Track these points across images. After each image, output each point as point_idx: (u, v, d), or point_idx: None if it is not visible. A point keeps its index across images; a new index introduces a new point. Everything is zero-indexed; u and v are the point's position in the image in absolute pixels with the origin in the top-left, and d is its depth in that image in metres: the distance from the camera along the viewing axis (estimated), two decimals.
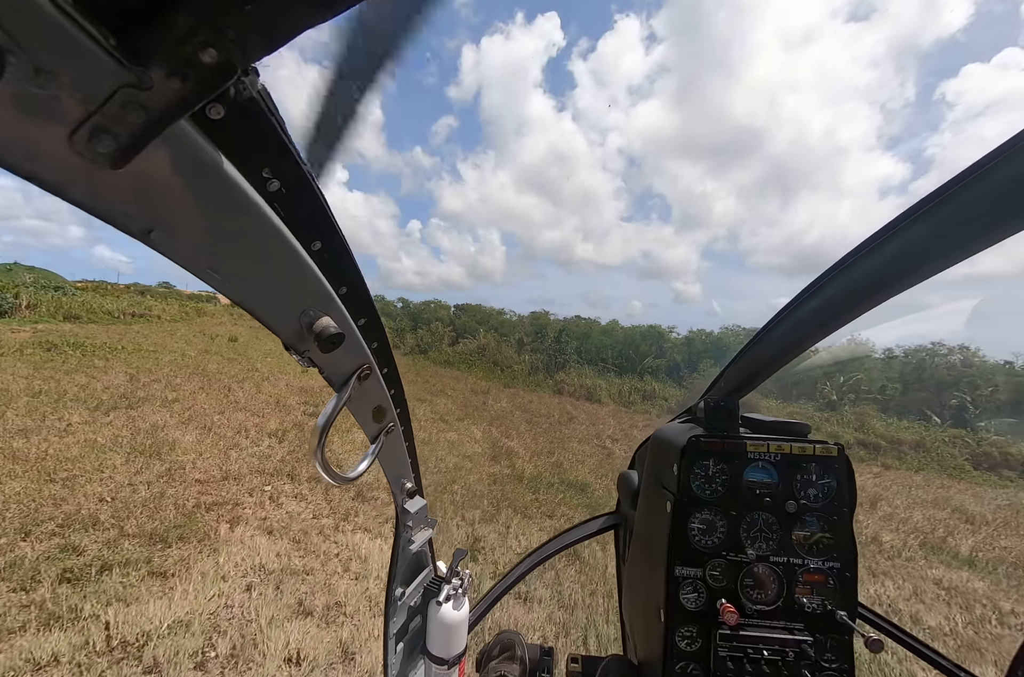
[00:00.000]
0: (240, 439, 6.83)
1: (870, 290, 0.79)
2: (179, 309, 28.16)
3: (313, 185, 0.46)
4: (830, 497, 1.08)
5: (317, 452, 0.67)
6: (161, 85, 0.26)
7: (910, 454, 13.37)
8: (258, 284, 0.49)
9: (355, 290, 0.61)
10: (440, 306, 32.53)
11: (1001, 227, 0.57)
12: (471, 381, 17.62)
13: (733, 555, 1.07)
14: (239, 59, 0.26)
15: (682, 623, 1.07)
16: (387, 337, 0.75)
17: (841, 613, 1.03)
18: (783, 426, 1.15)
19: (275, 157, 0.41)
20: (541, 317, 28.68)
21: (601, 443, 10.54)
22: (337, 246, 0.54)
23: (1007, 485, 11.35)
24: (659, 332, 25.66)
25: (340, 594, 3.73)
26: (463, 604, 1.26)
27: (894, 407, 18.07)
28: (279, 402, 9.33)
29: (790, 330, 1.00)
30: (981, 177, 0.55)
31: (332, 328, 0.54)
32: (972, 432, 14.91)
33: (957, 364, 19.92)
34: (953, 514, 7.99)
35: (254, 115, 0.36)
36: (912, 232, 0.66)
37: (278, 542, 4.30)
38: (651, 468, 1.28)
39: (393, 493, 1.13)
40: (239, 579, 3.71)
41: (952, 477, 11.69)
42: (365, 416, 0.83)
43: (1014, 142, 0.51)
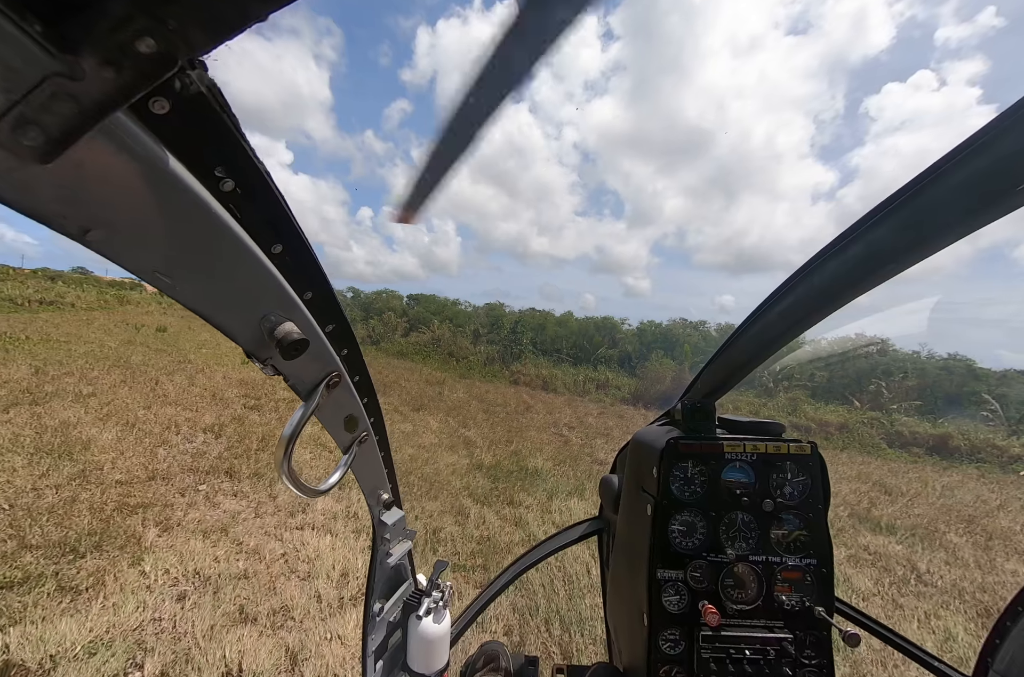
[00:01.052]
0: (170, 435, 6.20)
1: (833, 294, 0.82)
2: (97, 297, 25.41)
3: (271, 186, 0.44)
4: (805, 495, 1.10)
5: (283, 464, 0.62)
6: (94, 75, 0.24)
7: (836, 434, 14.62)
8: (213, 288, 0.46)
9: (321, 295, 0.58)
10: (393, 296, 31.54)
11: (947, 232, 0.61)
12: (426, 372, 17.22)
13: (713, 556, 1.08)
14: (181, 50, 0.26)
15: (665, 627, 1.06)
16: (358, 344, 0.72)
17: (819, 609, 1.04)
18: (758, 426, 1.17)
19: (228, 156, 0.39)
20: (496, 308, 28.56)
21: (558, 431, 10.63)
22: (300, 250, 0.52)
23: (916, 461, 12.69)
24: (612, 323, 26.34)
25: (287, 597, 3.45)
26: (444, 617, 1.23)
27: (821, 393, 19.66)
28: (216, 395, 8.60)
29: (759, 333, 1.02)
30: (927, 186, 0.59)
31: (295, 334, 0.51)
32: (887, 414, 16.51)
33: (874, 354, 21.98)
34: (874, 487, 8.78)
35: (203, 111, 0.35)
36: (876, 232, 0.69)
37: (216, 545, 3.91)
38: (631, 472, 1.28)
39: (369, 505, 1.08)
40: (169, 589, 3.32)
41: (871, 455, 12.89)
42: (336, 426, 0.80)
43: (952, 155, 0.54)
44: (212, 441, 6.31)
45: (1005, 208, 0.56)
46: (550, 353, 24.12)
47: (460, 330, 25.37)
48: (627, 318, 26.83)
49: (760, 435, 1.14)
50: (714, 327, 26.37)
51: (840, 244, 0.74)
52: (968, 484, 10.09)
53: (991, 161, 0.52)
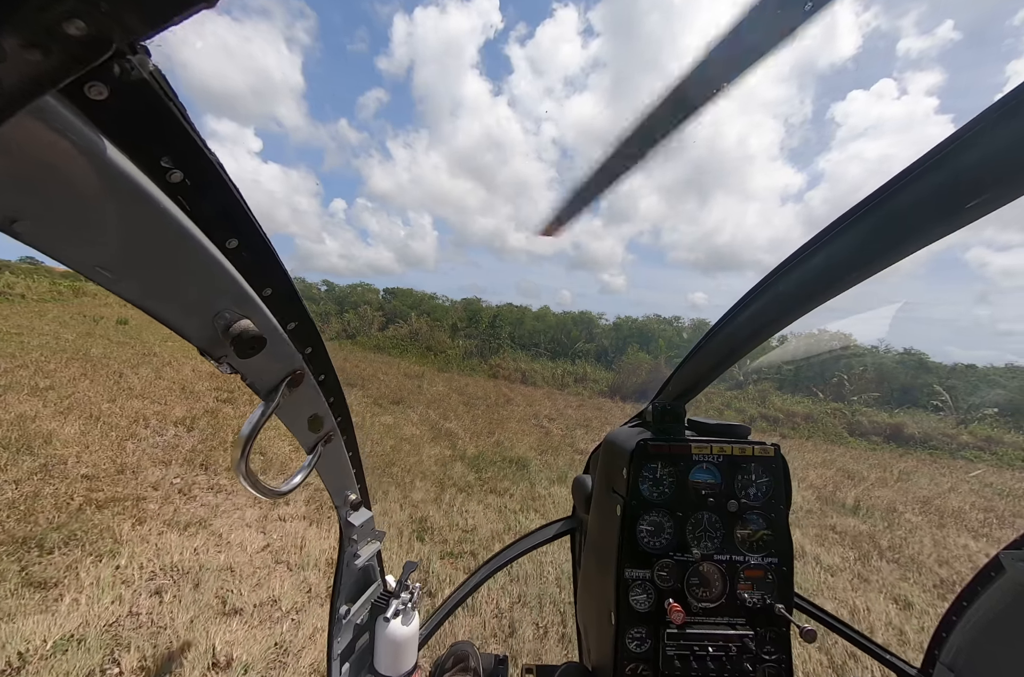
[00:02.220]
0: (138, 429, 5.92)
1: (798, 301, 0.84)
2: (50, 287, 23.86)
3: (224, 178, 0.42)
4: (768, 495, 1.13)
5: (240, 464, 0.61)
6: (16, 57, 0.23)
7: (802, 424, 15.28)
8: (160, 284, 0.44)
9: (282, 292, 0.56)
10: (368, 289, 30.94)
11: (908, 241, 0.64)
12: (404, 366, 17.01)
13: (680, 555, 1.10)
14: (116, 34, 0.24)
15: (632, 625, 1.08)
16: (323, 342, 0.70)
17: (779, 606, 1.08)
18: (725, 428, 1.20)
19: (175, 145, 0.37)
20: (474, 303, 28.41)
21: (539, 423, 10.71)
22: (257, 245, 0.49)
23: (875, 448, 13.41)
24: (589, 318, 26.64)
25: (274, 588, 3.37)
26: (412, 619, 1.22)
27: (788, 385, 20.47)
28: (185, 388, 8.25)
29: (728, 338, 1.04)
30: (886, 201, 0.61)
31: (252, 331, 0.50)
32: (848, 405, 17.36)
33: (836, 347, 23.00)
34: (838, 472, 9.24)
35: (146, 98, 0.33)
36: (835, 244, 0.71)
37: (194, 538, 3.77)
38: (602, 472, 1.30)
39: (336, 506, 1.06)
40: (146, 583, 3.19)
41: (834, 443, 13.54)
42: (299, 425, 0.78)
43: (908, 172, 0.57)
44: (184, 434, 6.07)
45: (957, 224, 0.58)
46: (528, 347, 24.20)
47: (438, 324, 25.13)
48: (604, 313, 27.21)
49: (727, 437, 1.17)
50: (688, 322, 27.04)
51: (804, 253, 0.77)
52: (922, 469, 10.74)
53: (944, 179, 0.54)
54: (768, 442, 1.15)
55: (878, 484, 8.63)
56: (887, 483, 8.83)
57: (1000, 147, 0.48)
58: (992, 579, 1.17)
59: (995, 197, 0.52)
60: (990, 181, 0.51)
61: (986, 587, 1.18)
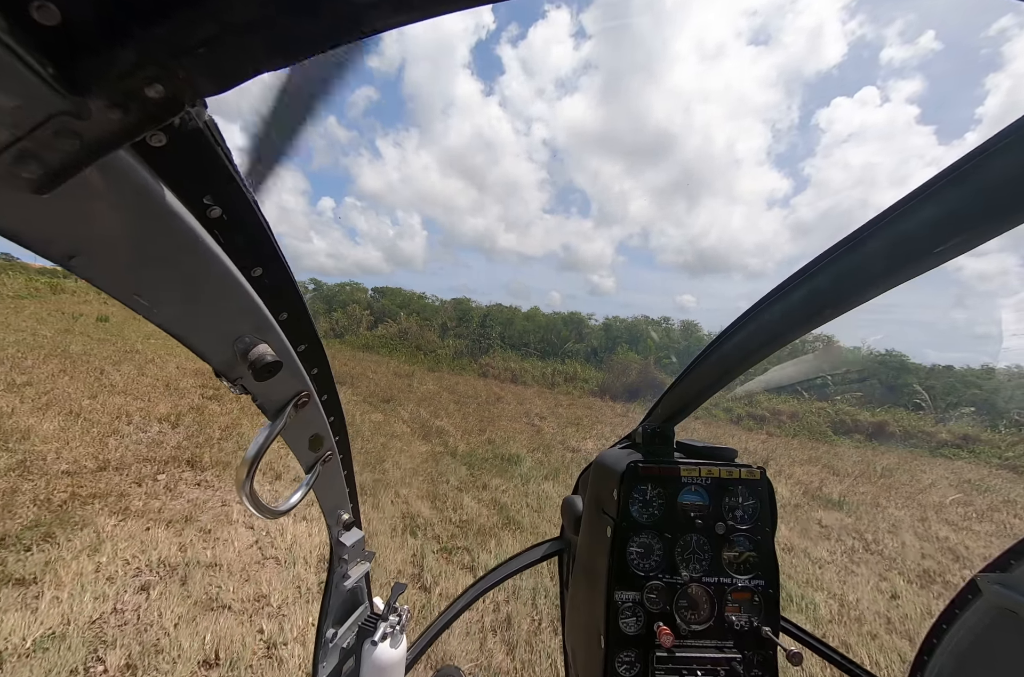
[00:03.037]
0: (120, 425, 5.77)
1: (780, 332, 0.87)
2: (26, 284, 23.16)
3: (257, 212, 0.45)
4: (755, 518, 1.14)
5: (245, 485, 0.62)
6: (100, 116, 0.25)
7: (788, 423, 15.53)
8: (189, 310, 0.47)
9: (296, 316, 0.58)
10: (357, 288, 30.61)
11: (875, 285, 0.67)
12: (393, 365, 16.89)
13: (669, 577, 1.10)
14: (187, 96, 0.26)
15: (621, 648, 1.07)
16: (328, 362, 0.71)
17: (766, 629, 1.08)
18: (713, 451, 1.21)
19: (218, 185, 0.40)
20: (464, 303, 28.32)
21: (530, 421, 10.71)
22: (279, 272, 0.52)
23: (858, 445, 13.67)
24: (579, 318, 26.73)
25: (263, 584, 3.30)
26: (400, 642, 1.19)
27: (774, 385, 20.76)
28: (169, 385, 8.07)
29: (716, 364, 1.06)
30: (861, 243, 0.64)
31: (269, 356, 0.52)
32: (832, 404, 17.69)
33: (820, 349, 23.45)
34: (823, 469, 9.40)
35: (198, 145, 0.36)
36: (816, 280, 0.76)
37: (181, 534, 3.68)
38: (592, 493, 1.30)
39: (328, 525, 1.05)
40: (131, 579, 3.11)
41: (819, 440, 13.79)
42: (301, 445, 0.79)
43: (879, 219, 0.60)
44: (169, 431, 5.93)
45: (924, 267, 0.62)
46: (518, 347, 24.20)
47: (427, 323, 25.00)
48: (593, 313, 27.33)
49: (714, 459, 1.19)
50: (677, 324, 27.33)
51: (787, 288, 0.81)
52: (903, 465, 10.98)
53: (912, 226, 0.58)
54: (754, 465, 1.17)
55: (861, 480, 8.80)
56: (870, 479, 9.01)
57: (967, 196, 0.52)
58: (969, 602, 1.18)
59: (965, 241, 0.56)
60: (958, 228, 0.55)
61: (964, 610, 1.19)
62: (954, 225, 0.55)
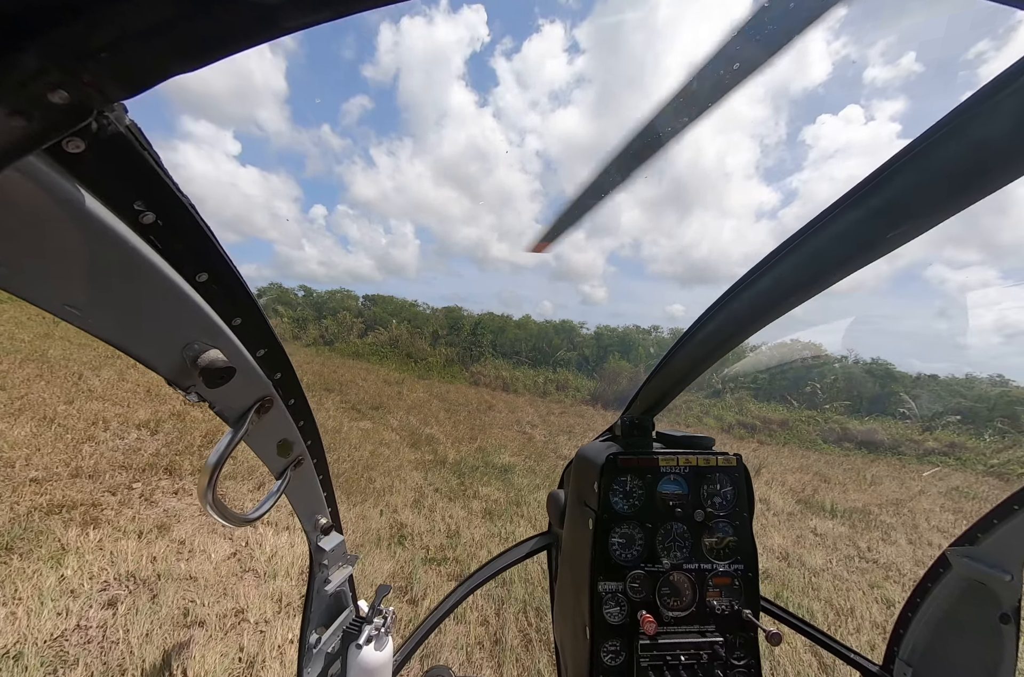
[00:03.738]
0: (96, 431, 5.54)
1: (750, 319, 0.89)
2: None
3: (195, 216, 0.44)
4: (733, 504, 1.17)
5: (207, 493, 0.60)
6: (2, 124, 0.24)
7: (778, 431, 15.57)
8: (128, 320, 0.46)
9: (251, 321, 0.58)
10: (348, 296, 30.36)
11: (835, 271, 0.70)
12: (383, 372, 16.68)
13: (651, 566, 1.12)
14: (96, 101, 0.26)
15: (606, 638, 1.09)
16: (292, 366, 0.70)
17: (746, 612, 1.11)
18: (690, 440, 1.24)
19: (148, 190, 0.39)
20: (455, 311, 28.21)
21: (522, 429, 10.57)
22: (226, 277, 0.51)
23: (848, 454, 13.73)
24: (571, 327, 26.79)
25: (240, 598, 3.13)
26: (386, 644, 1.18)
27: (763, 394, 20.90)
28: (151, 391, 7.83)
29: (690, 354, 1.08)
30: (818, 232, 0.67)
31: (220, 362, 0.51)
32: (821, 412, 17.81)
33: (808, 358, 23.71)
34: (815, 477, 9.38)
35: (122, 150, 0.35)
36: (780, 268, 0.77)
37: (154, 545, 3.49)
38: (574, 487, 1.31)
39: (305, 531, 1.04)
40: (97, 593, 2.92)
41: (809, 449, 13.83)
42: (268, 451, 0.78)
43: (833, 207, 0.63)
44: (147, 437, 5.71)
45: (879, 252, 0.63)
46: (510, 355, 24.09)
47: (418, 331, 24.84)
48: (585, 322, 27.39)
49: (693, 448, 1.21)
50: (667, 331, 27.47)
51: (753, 276, 0.83)
52: (893, 473, 11.03)
53: (865, 213, 0.60)
54: (731, 452, 1.19)
55: (853, 488, 8.79)
56: (861, 486, 9.01)
57: (913, 183, 0.54)
58: (941, 575, 1.24)
59: (914, 227, 0.58)
60: (907, 214, 0.57)
61: (936, 584, 1.25)
62: (902, 213, 0.57)
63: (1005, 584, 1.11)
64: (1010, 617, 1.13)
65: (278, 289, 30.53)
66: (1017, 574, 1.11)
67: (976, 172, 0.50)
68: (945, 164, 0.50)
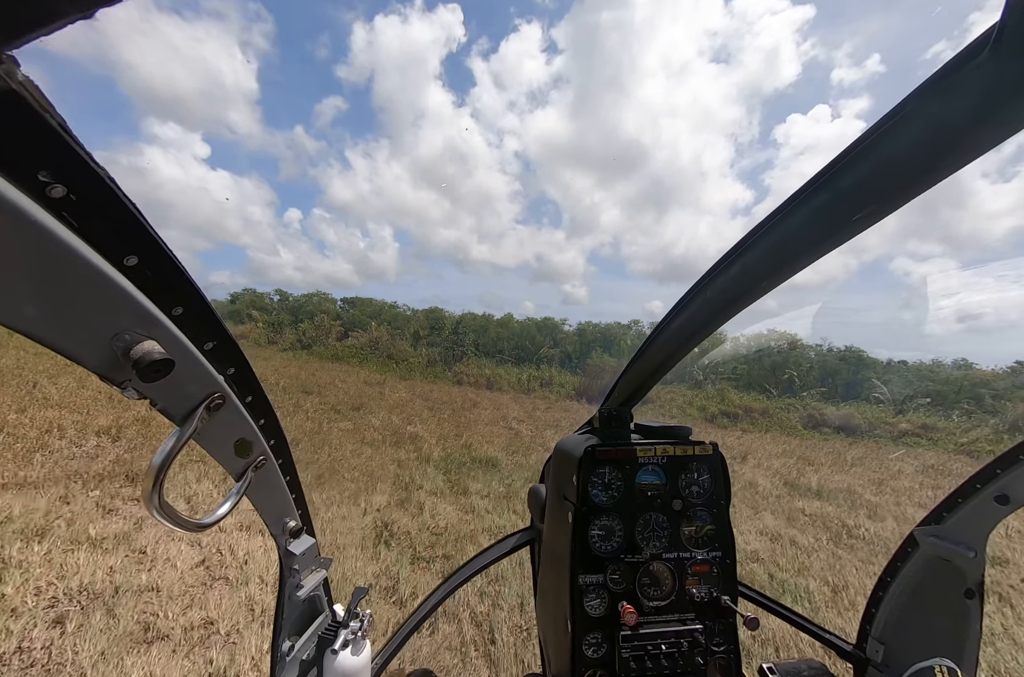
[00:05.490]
0: (50, 440, 5.15)
1: (721, 307, 0.89)
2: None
3: (115, 192, 0.40)
4: (710, 492, 1.17)
5: (153, 496, 0.54)
6: None
7: (760, 419, 15.82)
8: (42, 307, 0.40)
9: (195, 311, 0.53)
10: (325, 299, 29.66)
11: (803, 256, 0.70)
12: (364, 374, 16.29)
13: (631, 557, 1.12)
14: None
15: (587, 630, 1.08)
16: (247, 362, 0.66)
17: (725, 598, 1.11)
18: (668, 430, 1.24)
19: (54, 158, 0.35)
20: (436, 312, 27.89)
21: (507, 425, 10.42)
22: (160, 261, 0.47)
23: (827, 438, 14.03)
24: (553, 324, 26.77)
25: (209, 608, 2.88)
26: (363, 648, 1.16)
27: (743, 384, 21.27)
28: (112, 397, 7.38)
29: (664, 345, 1.08)
30: (786, 217, 0.67)
31: (156, 354, 0.46)
32: (799, 399, 18.20)
33: (785, 348, 24.27)
34: (799, 461, 9.52)
35: (16, 109, 0.32)
36: (749, 255, 0.77)
37: (111, 555, 3.20)
38: (554, 481, 1.30)
39: (273, 535, 1.00)
40: (43, 611, 2.63)
41: (790, 435, 14.07)
42: (224, 451, 0.72)
43: (800, 192, 0.63)
44: (108, 444, 5.34)
45: (846, 235, 0.64)
46: (493, 354, 23.93)
47: (399, 333, 24.43)
48: (567, 318, 27.43)
49: (670, 438, 1.21)
50: (647, 325, 27.74)
51: (723, 265, 0.82)
52: (870, 455, 11.29)
53: (830, 197, 0.60)
54: (707, 441, 1.20)
55: (835, 470, 8.93)
56: (843, 468, 9.16)
57: (874, 167, 0.54)
58: (909, 555, 1.29)
59: (877, 209, 0.58)
60: (870, 196, 0.58)
61: (905, 563, 1.30)
62: (867, 195, 0.58)
63: (969, 561, 1.16)
64: (974, 592, 1.18)
65: (252, 294, 29.64)
66: (980, 551, 1.16)
67: (936, 153, 0.50)
68: (907, 146, 0.51)
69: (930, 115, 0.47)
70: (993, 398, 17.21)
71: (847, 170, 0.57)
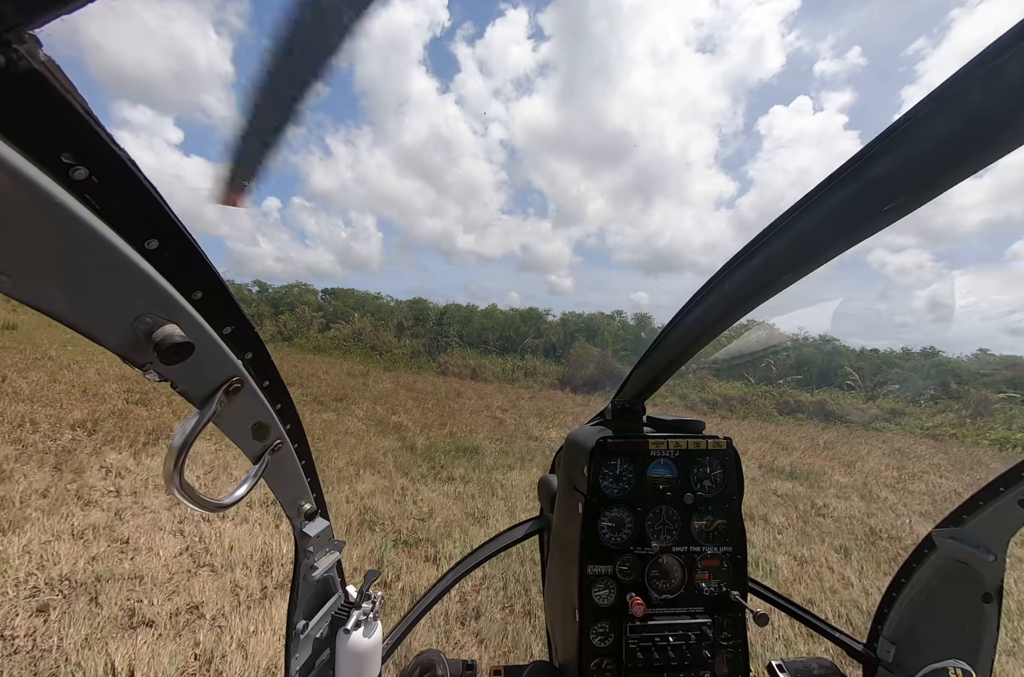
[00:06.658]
0: (23, 434, 5.03)
1: (740, 300, 0.88)
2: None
3: (136, 174, 0.40)
4: (722, 487, 1.16)
5: (174, 476, 0.56)
6: None
7: (738, 406, 16.26)
8: (67, 288, 0.41)
9: (214, 295, 0.54)
10: (306, 290, 29.15)
11: (830, 247, 0.68)
12: (347, 365, 16.17)
13: (640, 549, 1.12)
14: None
15: (595, 620, 1.09)
16: (264, 347, 0.67)
17: (734, 593, 1.12)
18: (681, 424, 1.24)
19: (76, 140, 0.35)
20: (421, 303, 27.68)
21: (492, 414, 10.52)
22: (181, 245, 0.47)
23: (801, 424, 14.53)
24: (537, 314, 26.84)
25: (194, 594, 2.91)
26: (375, 629, 1.18)
27: (723, 372, 21.76)
28: (87, 391, 7.22)
29: (680, 338, 1.07)
30: (812, 207, 0.65)
31: (177, 337, 0.47)
32: (776, 387, 18.74)
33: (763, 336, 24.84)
34: (774, 445, 9.86)
35: (38, 90, 0.31)
36: (771, 247, 0.76)
37: (92, 545, 3.20)
38: (565, 471, 1.31)
39: (288, 517, 1.02)
40: (24, 601, 2.63)
41: (767, 421, 14.52)
42: (242, 434, 0.74)
43: (828, 182, 0.61)
44: (84, 437, 5.25)
45: (876, 227, 0.62)
46: (477, 345, 23.93)
47: (382, 324, 24.21)
48: (551, 309, 27.51)
49: (683, 432, 1.21)
50: (631, 316, 28.05)
51: (743, 257, 0.80)
52: (842, 439, 11.76)
53: (861, 186, 0.58)
54: (721, 436, 1.19)
55: (808, 453, 9.29)
56: (815, 451, 9.54)
57: (907, 156, 0.52)
58: (926, 556, 1.27)
59: (909, 200, 0.56)
60: (902, 187, 0.55)
61: (921, 564, 1.28)
62: (898, 184, 0.56)
63: (989, 564, 1.13)
64: (992, 596, 1.15)
65: (231, 286, 28.90)
66: (1001, 554, 1.12)
67: (974, 142, 0.48)
68: (942, 133, 0.48)
69: (970, 102, 0.45)
70: (957, 384, 18.00)
71: (880, 157, 0.54)
